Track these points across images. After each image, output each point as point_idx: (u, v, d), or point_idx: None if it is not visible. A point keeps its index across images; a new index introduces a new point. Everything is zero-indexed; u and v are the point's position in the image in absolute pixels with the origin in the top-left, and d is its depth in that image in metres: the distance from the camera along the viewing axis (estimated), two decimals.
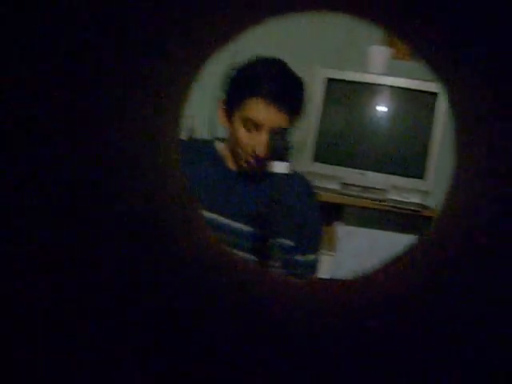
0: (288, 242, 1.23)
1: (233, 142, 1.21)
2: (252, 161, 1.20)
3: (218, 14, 0.43)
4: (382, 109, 1.95)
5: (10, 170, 0.33)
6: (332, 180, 1.89)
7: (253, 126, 1.16)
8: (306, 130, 1.87)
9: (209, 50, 0.50)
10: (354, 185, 1.91)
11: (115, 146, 0.42)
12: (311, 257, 1.28)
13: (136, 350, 0.39)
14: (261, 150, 1.16)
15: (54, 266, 0.36)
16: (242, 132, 1.18)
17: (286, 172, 1.04)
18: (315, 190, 1.35)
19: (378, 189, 1.88)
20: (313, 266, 1.30)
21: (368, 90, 1.92)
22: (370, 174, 1.89)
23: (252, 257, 1.19)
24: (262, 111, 1.15)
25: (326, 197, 1.82)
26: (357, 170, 1.90)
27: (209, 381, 0.39)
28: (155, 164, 0.49)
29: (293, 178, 1.23)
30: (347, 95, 1.95)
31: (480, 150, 0.46)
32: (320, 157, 1.89)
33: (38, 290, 0.35)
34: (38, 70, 0.33)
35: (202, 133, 2.03)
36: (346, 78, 1.89)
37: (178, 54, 0.45)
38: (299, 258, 1.26)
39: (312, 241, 1.27)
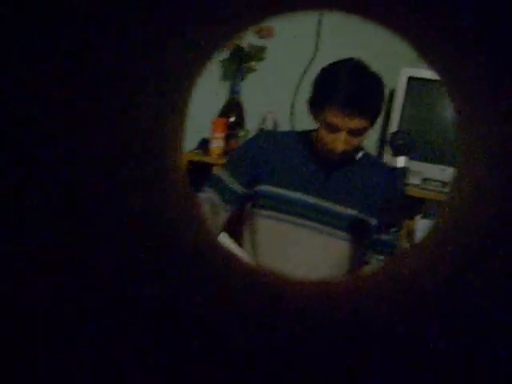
0: (374, 221, 1.39)
1: (319, 137, 1.36)
2: (331, 156, 1.33)
3: (219, 12, 0.43)
4: None
5: (10, 170, 0.33)
6: (413, 175, 1.92)
7: (332, 128, 1.29)
8: (389, 127, 1.96)
9: (209, 49, 0.50)
10: (434, 180, 1.96)
11: (115, 145, 0.42)
12: (395, 236, 1.41)
13: (136, 350, 0.39)
14: (338, 149, 1.30)
15: (54, 266, 0.36)
16: (322, 132, 1.32)
17: (406, 166, 1.17)
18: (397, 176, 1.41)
19: None
20: (396, 245, 1.43)
21: None
22: (451, 169, 1.94)
23: (348, 235, 1.36)
24: (339, 118, 1.27)
25: (407, 191, 1.86)
26: (437, 166, 1.96)
27: (209, 381, 0.39)
28: (156, 164, 0.49)
29: (375, 162, 1.45)
30: (427, 93, 2.04)
31: (483, 142, 0.46)
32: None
33: (37, 289, 0.35)
34: (37, 69, 0.33)
35: (284, 125, 2.21)
36: (426, 77, 1.96)
37: (179, 54, 0.45)
38: (385, 237, 1.40)
39: (396, 221, 1.36)
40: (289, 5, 0.49)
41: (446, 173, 1.95)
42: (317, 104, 1.34)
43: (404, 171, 1.20)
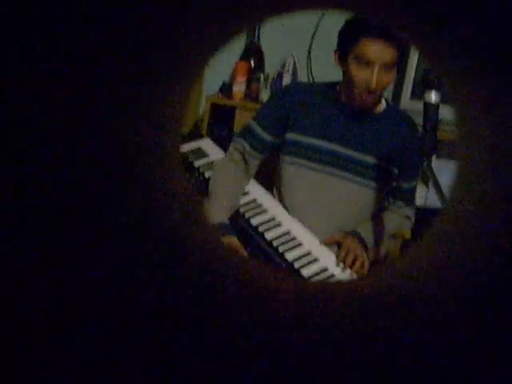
0: (395, 170, 1.45)
1: (347, 82, 1.38)
2: (366, 95, 1.36)
3: (223, 10, 0.43)
4: None
5: (10, 169, 0.33)
6: None
7: (365, 63, 1.32)
8: (405, 70, 1.96)
9: (212, 46, 0.50)
10: (449, 121, 1.95)
11: (115, 145, 0.42)
12: (413, 183, 1.48)
13: (136, 350, 0.39)
14: (373, 84, 1.33)
15: (54, 266, 0.36)
16: (355, 70, 1.35)
17: (437, 101, 1.22)
18: (415, 124, 1.48)
19: None
20: (414, 193, 1.51)
21: None
22: None
23: (370, 182, 1.42)
24: (372, 48, 1.31)
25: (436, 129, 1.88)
26: (452, 108, 1.96)
27: (209, 381, 0.39)
28: (156, 165, 0.49)
29: (397, 113, 1.49)
30: None
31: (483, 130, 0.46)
32: (417, 95, 1.98)
33: (38, 289, 0.35)
34: (38, 70, 0.33)
35: (302, 69, 2.29)
36: None
37: (180, 52, 0.45)
38: (405, 185, 1.47)
39: (414, 169, 1.44)
40: (289, 3, 0.49)
41: None
42: (350, 37, 1.36)
43: (437, 107, 1.22)
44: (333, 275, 1.25)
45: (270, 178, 1.54)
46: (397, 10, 0.45)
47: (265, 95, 2.20)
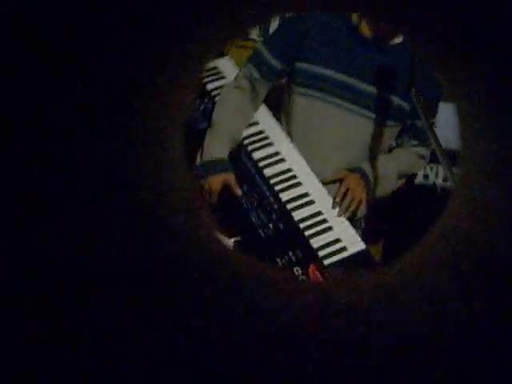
0: (405, 105, 1.38)
1: None
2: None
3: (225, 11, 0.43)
4: None
5: (10, 168, 0.33)
6: None
7: None
8: None
9: (214, 46, 0.50)
10: None
11: (118, 145, 0.41)
12: (428, 121, 1.39)
13: (136, 349, 0.39)
14: None
15: (55, 266, 0.36)
16: None
17: None
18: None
19: None
20: (426, 132, 1.42)
21: None
22: None
23: (373, 115, 1.36)
24: None
25: None
26: None
27: (208, 380, 0.39)
28: (159, 166, 0.49)
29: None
30: None
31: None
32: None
33: (38, 289, 0.35)
34: (38, 70, 0.33)
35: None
36: None
37: (181, 55, 0.45)
38: (419, 123, 1.38)
39: (430, 105, 1.35)
40: (291, 3, 0.49)
41: None
42: None
43: None
44: (325, 220, 1.22)
45: (279, 107, 1.50)
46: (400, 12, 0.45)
47: (255, 34, 2.20)
